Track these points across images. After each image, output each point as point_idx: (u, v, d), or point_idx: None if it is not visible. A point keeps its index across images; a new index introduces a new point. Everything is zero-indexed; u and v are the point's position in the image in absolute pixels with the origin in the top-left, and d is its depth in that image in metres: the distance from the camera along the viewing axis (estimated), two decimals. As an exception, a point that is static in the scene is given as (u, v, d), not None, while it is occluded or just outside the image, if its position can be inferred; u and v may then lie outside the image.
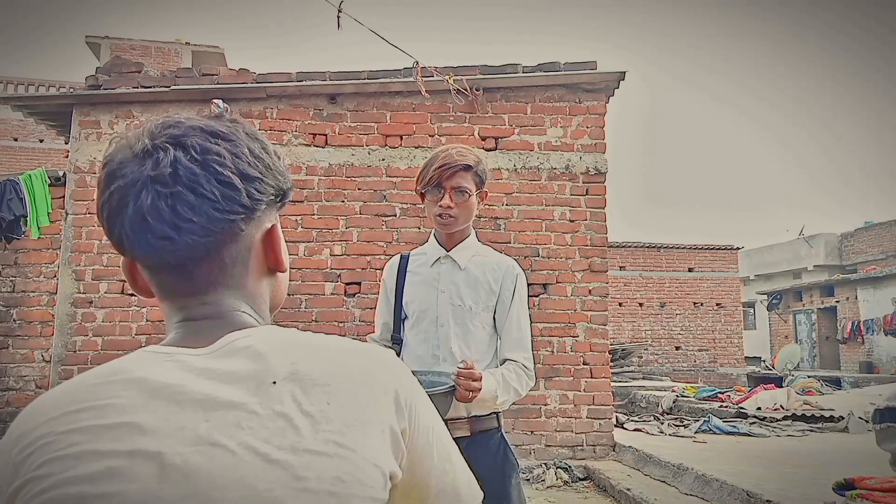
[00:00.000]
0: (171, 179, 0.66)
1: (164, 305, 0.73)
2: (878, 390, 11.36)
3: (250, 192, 0.69)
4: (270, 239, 0.75)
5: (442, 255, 1.98)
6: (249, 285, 0.74)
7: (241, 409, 0.62)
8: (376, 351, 0.74)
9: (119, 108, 5.69)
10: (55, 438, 0.58)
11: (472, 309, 1.93)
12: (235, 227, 0.69)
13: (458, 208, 1.90)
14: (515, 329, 1.96)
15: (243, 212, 0.69)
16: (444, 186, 1.88)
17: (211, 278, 0.71)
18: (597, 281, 5.79)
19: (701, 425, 7.32)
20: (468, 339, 1.93)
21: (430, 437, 0.73)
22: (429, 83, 5.64)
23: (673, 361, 18.15)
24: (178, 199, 0.66)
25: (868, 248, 24.02)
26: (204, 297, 0.71)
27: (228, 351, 0.66)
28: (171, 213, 0.66)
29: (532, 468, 5.33)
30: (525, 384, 1.93)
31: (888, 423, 1.62)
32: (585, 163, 5.89)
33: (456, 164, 1.87)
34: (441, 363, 1.90)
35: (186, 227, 0.66)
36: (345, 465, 0.62)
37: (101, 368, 0.65)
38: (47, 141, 17.75)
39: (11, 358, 5.82)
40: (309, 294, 5.62)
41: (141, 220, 0.66)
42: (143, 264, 0.71)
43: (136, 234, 0.67)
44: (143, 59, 11.37)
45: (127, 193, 0.67)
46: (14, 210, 5.51)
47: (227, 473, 0.59)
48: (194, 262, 0.69)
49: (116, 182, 0.68)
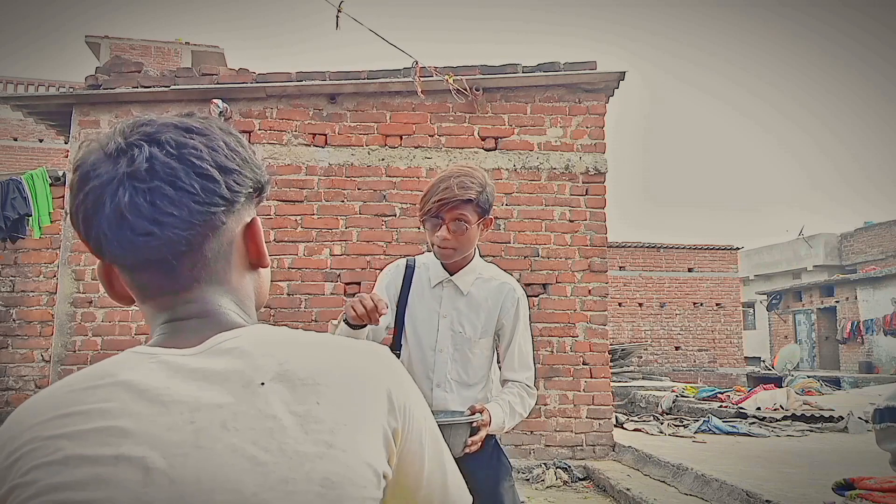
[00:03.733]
0: (148, 175, 0.65)
1: (145, 308, 0.71)
2: (878, 390, 11.36)
3: (229, 184, 0.69)
4: (251, 233, 0.74)
5: (444, 279, 1.96)
6: (233, 280, 0.73)
7: (228, 410, 0.61)
8: (369, 347, 0.72)
9: (119, 108, 5.69)
10: (41, 444, 0.58)
11: (471, 339, 1.92)
12: (216, 220, 0.68)
13: (455, 240, 1.86)
14: (518, 351, 1.96)
15: (224, 204, 0.68)
16: (443, 218, 1.85)
17: (194, 274, 0.69)
18: (596, 281, 5.79)
19: (700, 425, 7.33)
20: (466, 365, 1.93)
21: (423, 438, 0.72)
22: (429, 83, 5.65)
23: (672, 361, 18.16)
24: (156, 194, 0.65)
25: (868, 249, 24.03)
26: (188, 295, 0.69)
27: (216, 351, 0.65)
28: (151, 208, 0.65)
29: (531, 468, 5.33)
30: (528, 405, 1.94)
31: (888, 423, 1.62)
32: (585, 163, 5.89)
33: (456, 198, 1.82)
34: (435, 389, 1.90)
35: (167, 222, 0.65)
36: (335, 465, 0.61)
37: (87, 371, 0.64)
38: (47, 141, 17.74)
39: (11, 358, 5.82)
40: (309, 294, 5.62)
41: (119, 218, 0.65)
42: (122, 265, 0.69)
43: (115, 232, 0.65)
44: (143, 59, 11.36)
45: (103, 193, 0.66)
46: (18, 209, 5.51)
47: (214, 477, 0.58)
48: (177, 257, 0.67)
49: (90, 183, 0.66)
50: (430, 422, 0.74)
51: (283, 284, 5.58)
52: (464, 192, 1.82)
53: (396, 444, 0.68)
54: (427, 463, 0.72)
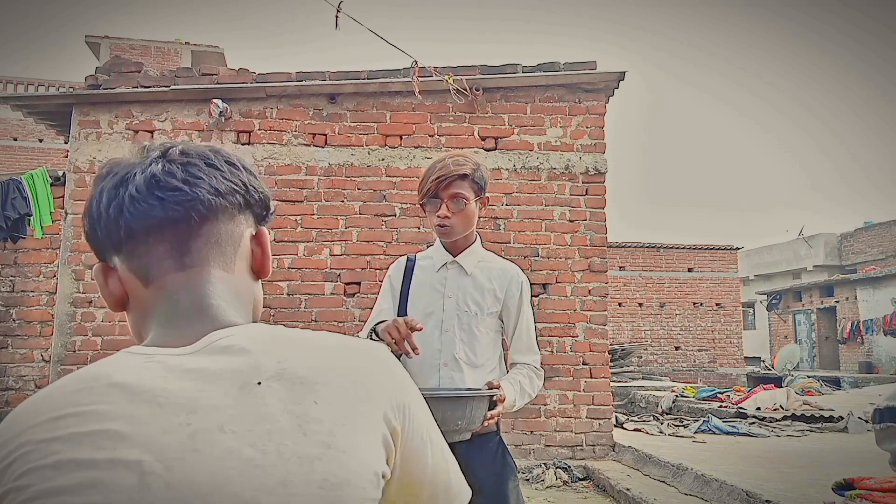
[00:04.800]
0: (182, 156, 0.71)
1: (145, 296, 0.70)
2: (878, 390, 11.36)
3: (248, 181, 0.74)
4: (261, 240, 0.76)
5: (448, 261, 2.00)
6: (237, 273, 0.73)
7: (225, 412, 0.60)
8: (368, 346, 0.72)
9: (119, 108, 5.69)
10: (35, 447, 0.56)
11: (477, 315, 1.95)
12: (235, 204, 0.72)
13: (455, 217, 1.90)
14: (525, 334, 2.01)
15: (243, 190, 0.73)
16: (441, 196, 1.89)
17: (205, 252, 0.70)
18: (596, 281, 5.79)
19: (700, 425, 7.33)
20: (473, 344, 1.94)
21: (424, 436, 0.71)
22: (429, 83, 5.65)
23: (672, 361, 18.16)
24: (189, 166, 0.70)
25: (867, 249, 24.04)
26: (193, 276, 0.69)
27: (212, 350, 0.64)
28: (183, 173, 0.69)
29: (531, 468, 5.33)
30: (536, 386, 2.00)
31: (888, 423, 1.62)
32: (585, 163, 5.89)
33: (452, 173, 1.88)
34: (442, 368, 1.92)
35: (197, 183, 0.69)
36: (333, 466, 0.60)
37: (82, 372, 0.62)
38: (47, 141, 17.74)
39: (11, 358, 5.82)
40: (309, 294, 5.62)
41: (150, 180, 0.69)
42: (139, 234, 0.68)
43: (144, 193, 0.68)
44: (143, 59, 11.34)
45: (132, 170, 0.70)
46: (18, 209, 5.51)
47: (211, 480, 0.57)
48: (199, 218, 0.69)
49: (118, 167, 0.72)
50: (429, 418, 0.73)
51: (283, 284, 5.58)
52: (459, 167, 1.90)
53: (396, 444, 0.67)
54: (430, 460, 0.72)
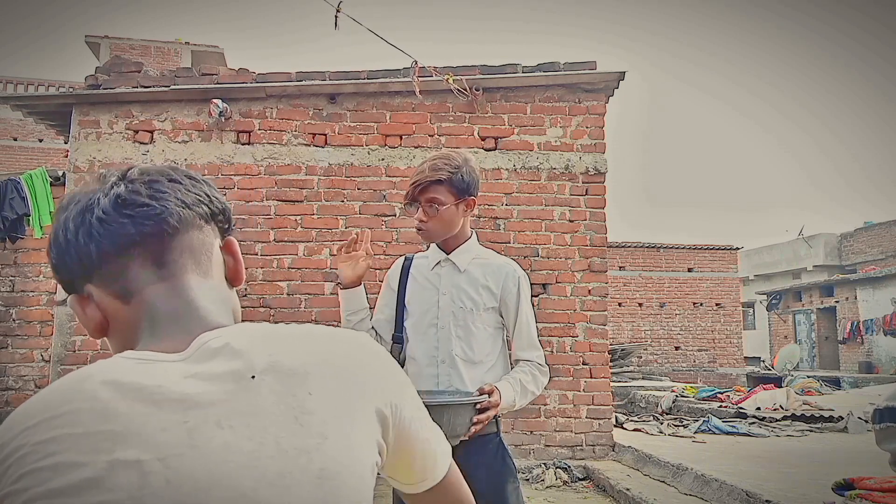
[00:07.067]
0: (143, 175, 0.72)
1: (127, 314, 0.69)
2: (878, 390, 11.37)
3: (209, 192, 0.76)
4: (231, 249, 0.78)
5: (442, 259, 2.00)
6: (216, 278, 0.74)
7: (221, 408, 0.60)
8: (356, 337, 0.74)
9: (118, 108, 5.69)
10: (32, 449, 0.56)
11: (472, 310, 1.94)
12: (202, 214, 0.73)
13: (431, 221, 1.92)
14: (525, 330, 2.00)
15: (207, 200, 0.74)
16: (418, 200, 1.92)
17: (182, 261, 0.71)
18: (596, 281, 5.79)
19: (700, 425, 7.33)
20: (470, 340, 1.93)
21: (414, 415, 0.73)
22: (429, 83, 5.65)
23: (672, 361, 18.16)
24: (153, 183, 0.71)
25: (867, 249, 24.04)
26: (175, 283, 0.70)
27: (204, 353, 0.64)
28: (148, 190, 0.70)
29: (531, 468, 5.33)
30: (541, 383, 1.99)
31: (888, 423, 1.62)
32: (585, 163, 5.89)
33: (426, 179, 1.90)
34: (439, 365, 1.91)
35: (163, 198, 0.70)
36: (330, 456, 0.62)
37: (78, 373, 0.62)
38: (47, 141, 17.74)
39: (11, 358, 5.82)
40: (308, 294, 5.62)
41: (115, 201, 0.69)
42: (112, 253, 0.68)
43: (111, 214, 0.68)
44: (143, 59, 11.35)
45: (94, 196, 0.70)
46: (16, 209, 5.50)
47: (210, 475, 0.57)
48: (170, 233, 0.70)
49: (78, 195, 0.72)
50: (418, 403, 0.76)
51: (283, 284, 5.58)
52: (434, 173, 1.90)
53: (389, 430, 0.69)
54: (421, 435, 0.75)
